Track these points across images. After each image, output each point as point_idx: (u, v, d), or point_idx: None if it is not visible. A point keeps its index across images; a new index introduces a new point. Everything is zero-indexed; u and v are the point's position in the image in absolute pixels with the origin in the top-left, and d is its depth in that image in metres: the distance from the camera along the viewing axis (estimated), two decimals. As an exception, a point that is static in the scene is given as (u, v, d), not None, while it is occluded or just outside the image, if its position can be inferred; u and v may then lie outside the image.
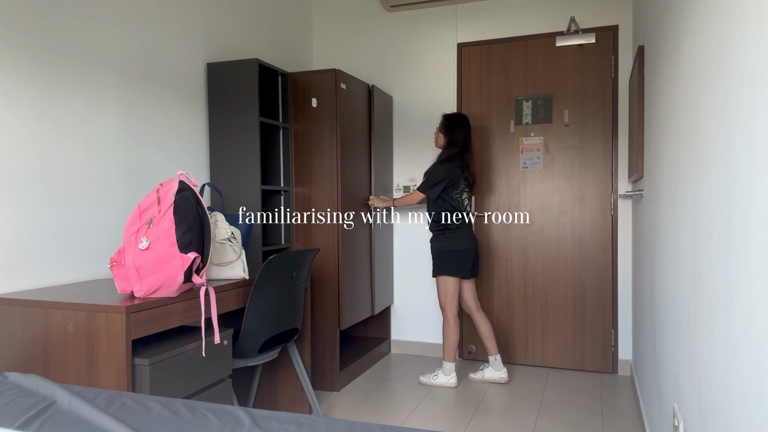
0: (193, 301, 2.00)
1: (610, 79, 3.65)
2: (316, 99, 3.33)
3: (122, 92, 2.54)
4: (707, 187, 1.26)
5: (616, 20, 3.63)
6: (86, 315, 1.74)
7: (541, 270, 3.82)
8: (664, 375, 1.95)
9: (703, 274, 1.29)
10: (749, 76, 0.95)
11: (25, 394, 1.42)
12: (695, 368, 1.38)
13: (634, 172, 2.94)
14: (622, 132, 3.63)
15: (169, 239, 1.84)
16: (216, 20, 3.18)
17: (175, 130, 2.86)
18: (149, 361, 1.76)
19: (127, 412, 1.33)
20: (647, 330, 2.60)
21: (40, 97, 2.16)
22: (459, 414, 2.98)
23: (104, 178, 2.45)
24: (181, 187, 1.93)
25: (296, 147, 3.39)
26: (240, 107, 3.01)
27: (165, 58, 2.80)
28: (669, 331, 1.86)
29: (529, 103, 3.82)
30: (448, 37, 4.01)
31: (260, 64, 3.03)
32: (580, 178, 3.72)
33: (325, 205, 3.33)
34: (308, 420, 1.29)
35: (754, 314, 0.90)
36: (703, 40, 1.33)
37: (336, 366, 3.32)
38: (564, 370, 3.77)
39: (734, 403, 1.02)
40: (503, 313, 3.91)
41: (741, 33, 1.00)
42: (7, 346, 1.86)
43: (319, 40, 4.32)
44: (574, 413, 2.98)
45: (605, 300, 3.69)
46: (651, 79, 2.42)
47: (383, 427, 1.24)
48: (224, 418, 1.30)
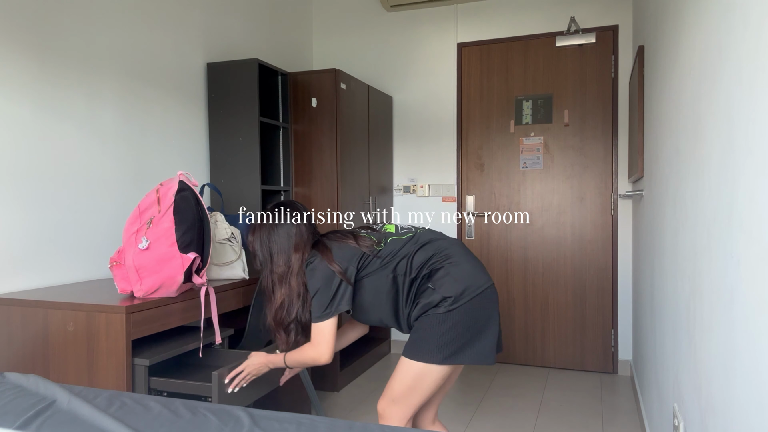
0: (193, 301, 2.00)
1: (610, 79, 3.65)
2: (316, 99, 3.33)
3: (122, 92, 2.54)
4: (707, 187, 1.26)
5: (616, 20, 3.63)
6: (86, 315, 1.74)
7: (541, 270, 3.82)
8: (664, 375, 1.95)
9: (703, 274, 1.29)
10: (749, 76, 0.94)
11: (25, 394, 1.42)
12: (695, 368, 1.38)
13: (634, 172, 2.94)
14: (622, 132, 3.63)
15: (169, 239, 1.84)
16: (216, 20, 3.18)
17: (175, 130, 2.86)
18: (149, 361, 1.76)
19: (127, 412, 1.33)
20: (647, 330, 2.60)
21: (39, 97, 2.16)
22: (459, 414, 2.98)
23: (104, 178, 2.45)
24: (181, 187, 1.93)
25: (296, 147, 3.39)
26: (240, 107, 3.01)
27: (165, 58, 2.80)
28: (669, 331, 1.86)
29: (529, 103, 3.82)
30: (448, 37, 4.01)
31: (260, 64, 3.03)
32: (580, 178, 3.72)
33: (325, 205, 3.33)
34: (308, 420, 1.29)
35: (754, 314, 0.90)
36: (702, 40, 1.33)
37: (336, 366, 3.32)
38: (564, 370, 3.77)
39: (734, 403, 1.02)
40: (503, 313, 3.91)
41: (741, 33, 1.00)
42: (7, 346, 1.86)
43: (319, 40, 4.31)
44: (574, 413, 2.98)
45: (605, 300, 3.68)
46: (651, 79, 2.42)
47: (383, 427, 1.23)
48: (224, 418, 1.30)
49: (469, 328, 1.65)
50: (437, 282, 1.67)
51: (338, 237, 1.78)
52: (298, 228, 1.78)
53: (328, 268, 1.69)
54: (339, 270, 1.69)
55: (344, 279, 1.69)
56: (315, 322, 1.70)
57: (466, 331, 1.65)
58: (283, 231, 1.77)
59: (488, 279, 1.73)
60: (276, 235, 1.77)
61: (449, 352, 1.63)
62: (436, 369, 1.65)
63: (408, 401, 1.69)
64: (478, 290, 1.68)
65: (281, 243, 1.77)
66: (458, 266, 1.70)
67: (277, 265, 1.77)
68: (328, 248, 1.73)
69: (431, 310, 1.66)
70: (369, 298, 1.75)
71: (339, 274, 1.69)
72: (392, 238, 1.78)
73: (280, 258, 1.77)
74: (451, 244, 1.77)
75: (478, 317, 1.66)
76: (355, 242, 1.75)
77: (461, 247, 1.78)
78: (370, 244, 1.75)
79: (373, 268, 1.73)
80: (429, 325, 1.65)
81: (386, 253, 1.74)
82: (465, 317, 1.64)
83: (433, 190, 4.05)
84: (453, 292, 1.65)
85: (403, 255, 1.73)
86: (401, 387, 1.69)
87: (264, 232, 1.79)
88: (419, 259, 1.72)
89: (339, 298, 1.69)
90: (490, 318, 1.69)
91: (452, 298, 1.65)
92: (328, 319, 1.69)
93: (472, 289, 1.67)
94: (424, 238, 1.78)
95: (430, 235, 1.80)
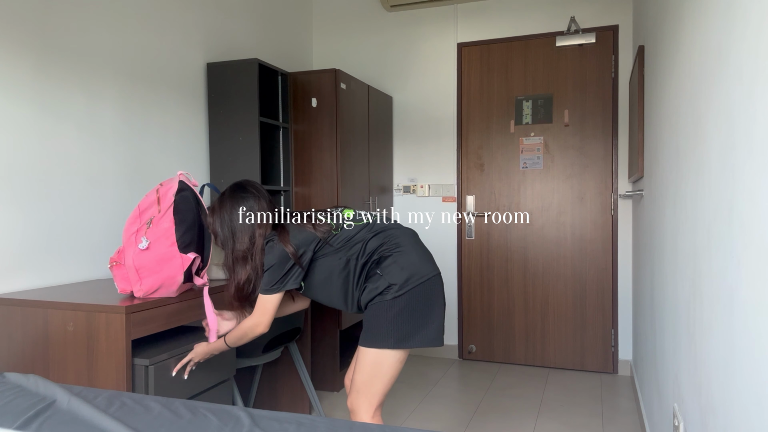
0: (193, 301, 2.00)
1: (610, 79, 3.65)
2: (316, 99, 3.33)
3: (122, 92, 2.54)
4: (707, 187, 1.26)
5: (616, 20, 3.63)
6: (86, 315, 1.74)
7: (541, 270, 3.82)
8: (664, 375, 1.95)
9: (703, 274, 1.29)
10: (749, 76, 0.94)
11: (25, 394, 1.42)
12: (695, 368, 1.38)
13: (634, 172, 2.94)
14: (622, 132, 3.63)
15: (168, 239, 1.84)
16: (216, 20, 3.18)
17: (175, 130, 2.86)
18: (149, 361, 1.76)
19: (127, 412, 1.33)
20: (647, 330, 2.60)
21: (39, 97, 2.16)
22: (459, 414, 2.98)
23: (104, 178, 2.45)
24: (181, 187, 1.93)
25: (296, 147, 3.39)
26: (240, 107, 3.01)
27: (165, 57, 2.80)
28: (669, 331, 1.86)
29: (529, 103, 3.82)
30: (448, 37, 4.01)
31: (260, 64, 3.03)
32: (580, 178, 3.72)
33: (325, 205, 3.33)
34: (308, 420, 1.29)
35: (754, 314, 0.90)
36: (702, 39, 1.33)
37: (336, 366, 3.32)
38: (564, 370, 3.77)
39: (734, 403, 1.02)
40: (503, 313, 3.91)
41: (741, 33, 1.00)
42: (7, 346, 1.86)
43: (319, 40, 4.31)
44: (574, 413, 2.98)
45: (605, 300, 3.68)
46: (651, 79, 2.42)
47: (383, 427, 1.24)
48: (224, 418, 1.30)
49: (414, 313, 1.74)
50: (385, 269, 1.76)
51: (296, 219, 1.85)
52: (259, 203, 1.83)
53: (283, 249, 1.76)
54: (293, 252, 1.76)
55: (296, 262, 1.77)
56: (261, 293, 1.79)
57: (411, 317, 1.74)
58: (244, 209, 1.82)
59: (434, 269, 1.82)
60: (237, 214, 1.82)
61: (399, 336, 1.73)
62: (391, 354, 1.75)
63: (371, 389, 1.77)
64: (422, 279, 1.76)
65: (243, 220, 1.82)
66: (405, 255, 1.78)
67: (240, 242, 1.81)
68: (286, 230, 1.81)
69: (378, 297, 1.75)
70: (321, 278, 1.83)
71: (292, 255, 1.76)
72: (348, 223, 1.85)
73: (244, 235, 1.81)
74: (402, 233, 1.85)
75: (423, 304, 1.76)
76: (312, 228, 1.81)
77: (411, 237, 1.86)
78: (327, 229, 1.82)
79: (328, 251, 1.81)
80: (378, 312, 1.74)
81: (342, 238, 1.82)
82: (409, 303, 1.74)
83: (433, 190, 4.05)
84: (398, 279, 1.74)
85: (358, 240, 1.81)
86: (362, 377, 1.77)
87: (225, 211, 1.83)
88: (372, 246, 1.80)
89: (289, 277, 1.77)
90: (435, 304, 1.78)
91: (397, 286, 1.74)
92: (274, 293, 1.78)
93: (417, 277, 1.76)
94: (378, 227, 1.86)
95: (385, 224, 1.88)
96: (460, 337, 4.01)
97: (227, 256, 1.84)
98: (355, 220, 1.86)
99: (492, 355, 3.94)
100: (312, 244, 1.79)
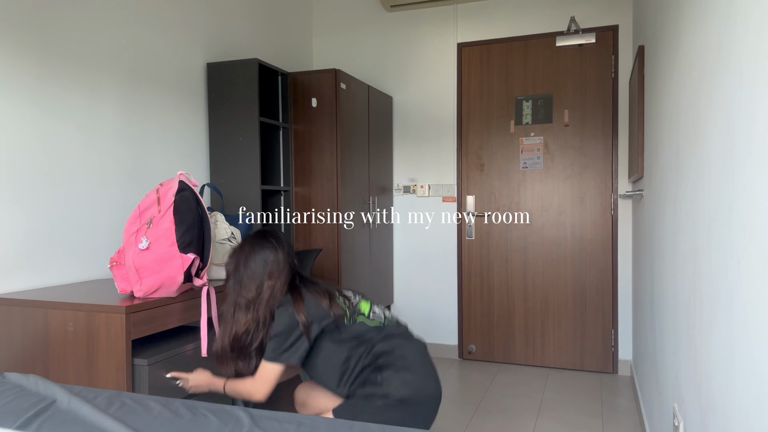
0: (193, 301, 2.00)
1: (610, 79, 3.65)
2: (316, 99, 3.33)
3: (122, 92, 2.54)
4: (707, 187, 1.26)
5: (616, 20, 3.63)
6: (86, 315, 1.74)
7: (541, 270, 3.82)
8: (664, 375, 1.95)
9: (703, 274, 1.29)
10: (749, 76, 0.94)
11: (25, 394, 1.42)
12: (695, 368, 1.38)
13: (634, 172, 2.94)
14: (622, 132, 3.63)
15: (169, 239, 1.84)
16: (216, 20, 3.18)
17: (175, 130, 2.86)
18: (149, 361, 1.76)
19: (127, 412, 1.33)
20: (647, 330, 2.60)
21: (39, 97, 2.16)
22: (459, 414, 2.98)
23: (104, 178, 2.45)
24: (181, 187, 1.93)
25: (296, 147, 3.39)
26: (240, 107, 3.01)
27: (165, 58, 2.80)
28: (669, 331, 1.86)
29: (529, 103, 3.82)
30: (448, 37, 4.01)
31: (260, 64, 3.03)
32: (580, 178, 3.72)
33: (325, 205, 3.33)
34: (308, 420, 1.29)
35: (754, 314, 0.90)
36: (702, 39, 1.33)
37: (336, 366, 3.32)
38: (564, 370, 3.77)
39: (734, 403, 1.02)
40: (503, 313, 3.91)
41: (741, 33, 1.00)
42: (7, 346, 1.86)
43: (319, 40, 4.32)
44: (574, 413, 2.98)
45: (605, 300, 3.68)
46: (651, 79, 2.42)
47: (383, 427, 1.24)
48: (224, 418, 1.30)
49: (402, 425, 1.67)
50: (386, 379, 1.71)
51: (315, 290, 1.78)
52: (276, 256, 1.79)
53: (294, 316, 1.70)
54: (303, 322, 1.70)
55: (305, 333, 1.71)
56: (266, 360, 1.73)
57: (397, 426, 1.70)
58: (260, 257, 1.78)
59: (435, 388, 1.74)
60: (253, 261, 1.78)
61: None
62: None
63: None
64: (419, 402, 1.70)
65: (256, 269, 1.77)
66: (410, 372, 1.72)
67: (247, 290, 1.77)
68: (302, 298, 1.75)
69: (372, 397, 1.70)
70: (319, 362, 1.78)
71: (302, 325, 1.70)
72: (361, 320, 1.79)
73: (252, 283, 1.77)
74: (412, 346, 1.79)
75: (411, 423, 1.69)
76: (328, 303, 1.75)
77: (419, 353, 1.79)
78: (340, 314, 1.76)
79: (334, 339, 1.75)
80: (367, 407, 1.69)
81: (350, 332, 1.76)
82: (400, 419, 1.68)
83: (433, 190, 4.05)
84: (396, 393, 1.69)
85: (365, 340, 1.76)
86: None
87: (242, 255, 1.80)
88: (377, 351, 1.75)
89: (293, 350, 1.71)
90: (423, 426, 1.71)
91: (395, 398, 1.68)
92: (279, 363, 1.72)
93: (414, 398, 1.70)
94: (388, 330, 1.80)
95: (396, 330, 1.81)
96: (460, 337, 4.01)
97: (230, 301, 1.80)
98: (368, 319, 1.80)
99: (492, 355, 3.94)
100: (324, 321, 1.74)
